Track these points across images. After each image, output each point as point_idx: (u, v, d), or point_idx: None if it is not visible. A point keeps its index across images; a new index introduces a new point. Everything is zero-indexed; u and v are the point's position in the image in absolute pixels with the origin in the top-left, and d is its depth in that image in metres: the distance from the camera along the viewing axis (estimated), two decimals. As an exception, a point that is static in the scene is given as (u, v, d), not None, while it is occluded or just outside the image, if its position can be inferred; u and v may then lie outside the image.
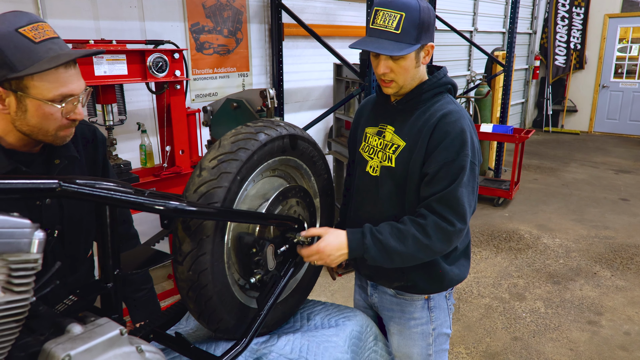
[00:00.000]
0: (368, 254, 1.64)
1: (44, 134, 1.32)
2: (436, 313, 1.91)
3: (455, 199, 1.60)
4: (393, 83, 1.68)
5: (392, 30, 1.57)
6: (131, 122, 3.76)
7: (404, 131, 1.73)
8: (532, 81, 11.72)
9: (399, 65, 1.63)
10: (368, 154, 1.83)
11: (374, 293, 1.99)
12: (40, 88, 1.23)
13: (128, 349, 1.00)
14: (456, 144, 1.61)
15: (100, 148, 1.64)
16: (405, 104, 1.74)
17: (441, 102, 1.71)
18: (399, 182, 1.72)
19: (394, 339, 1.97)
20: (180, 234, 1.33)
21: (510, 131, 6.22)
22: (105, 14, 3.81)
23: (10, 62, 1.18)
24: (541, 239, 5.44)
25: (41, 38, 1.22)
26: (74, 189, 0.98)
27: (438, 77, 1.74)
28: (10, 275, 0.85)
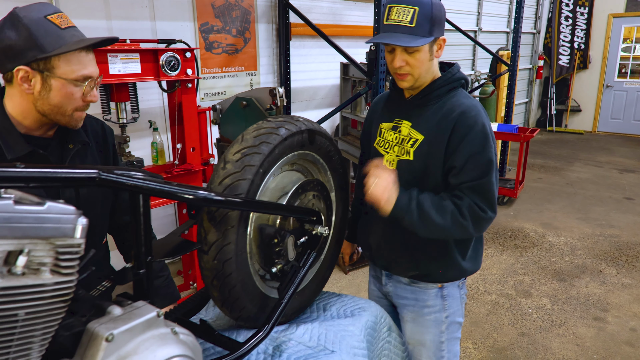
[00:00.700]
0: (409, 217, 1.72)
1: (62, 113, 1.43)
2: (449, 301, 1.97)
3: (487, 190, 1.70)
4: (409, 76, 1.74)
5: (406, 24, 1.64)
6: (143, 120, 3.82)
7: (421, 125, 1.79)
8: (535, 81, 11.74)
9: (414, 58, 1.70)
10: (384, 149, 1.90)
11: (389, 282, 2.06)
12: (65, 69, 1.36)
13: (164, 330, 1.05)
14: (480, 137, 1.69)
15: (109, 139, 1.75)
16: (420, 99, 1.80)
17: (457, 97, 1.78)
18: (417, 175, 1.79)
19: (407, 327, 2.04)
20: (206, 224, 1.38)
21: (515, 130, 6.26)
22: (117, 14, 3.87)
23: (41, 44, 1.31)
24: (546, 237, 5.48)
25: (66, 25, 1.36)
26: (113, 179, 1.03)
27: (452, 72, 1.81)
28: (58, 258, 0.90)
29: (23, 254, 0.84)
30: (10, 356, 0.85)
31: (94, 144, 1.66)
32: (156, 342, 1.01)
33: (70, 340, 0.96)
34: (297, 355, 1.55)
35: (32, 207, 0.85)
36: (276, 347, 1.60)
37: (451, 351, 2.03)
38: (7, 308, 0.82)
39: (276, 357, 1.55)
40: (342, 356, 1.58)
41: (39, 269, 0.87)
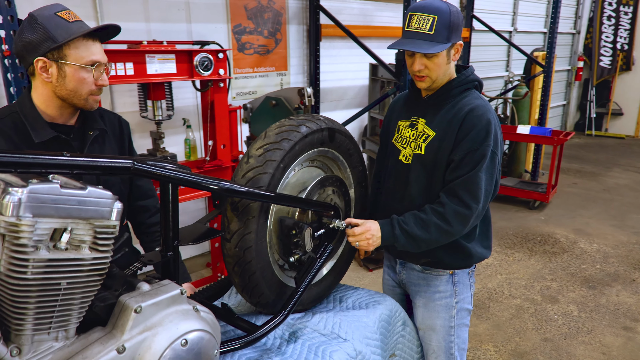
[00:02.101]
0: (398, 243, 1.84)
1: (78, 97, 1.61)
2: (459, 288, 2.07)
3: (474, 183, 1.79)
4: (427, 78, 1.86)
5: (426, 32, 1.76)
6: (177, 117, 3.99)
7: (434, 123, 1.91)
8: (574, 83, 11.47)
9: (432, 62, 1.81)
10: (401, 144, 2.01)
11: (402, 270, 2.15)
12: (76, 56, 1.55)
13: (187, 307, 1.17)
14: (481, 134, 1.80)
15: (125, 130, 1.93)
16: (436, 99, 1.92)
17: (469, 98, 1.90)
18: (428, 168, 1.91)
19: (419, 312, 2.13)
20: (229, 214, 1.49)
21: (549, 133, 6.18)
22: (155, 17, 4.05)
23: (53, 36, 1.51)
24: (578, 244, 5.40)
25: (73, 19, 1.57)
26: (145, 168, 1.15)
27: (466, 74, 1.93)
28: (96, 237, 1.02)
29: (66, 231, 0.97)
30: (53, 320, 0.98)
31: (111, 134, 1.85)
32: (179, 317, 1.12)
33: (104, 311, 1.08)
34: (312, 342, 1.65)
35: (76, 191, 0.97)
36: (292, 333, 1.70)
37: (460, 337, 2.12)
38: (52, 277, 0.95)
39: (291, 342, 1.65)
40: (355, 345, 1.67)
41: (79, 245, 1.00)
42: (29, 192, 0.90)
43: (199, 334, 1.14)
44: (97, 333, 1.06)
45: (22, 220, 0.89)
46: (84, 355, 0.99)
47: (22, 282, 0.91)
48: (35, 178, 0.95)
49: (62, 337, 1.01)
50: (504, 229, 5.80)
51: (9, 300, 0.92)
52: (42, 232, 0.93)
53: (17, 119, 1.60)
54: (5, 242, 0.90)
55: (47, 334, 0.98)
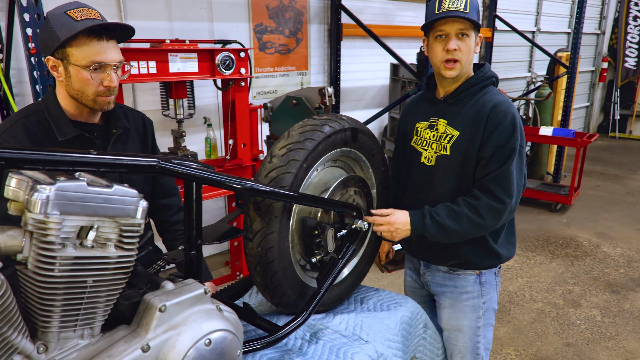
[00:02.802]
0: (428, 232, 1.84)
1: (86, 97, 1.57)
2: (486, 288, 2.05)
3: (506, 178, 1.79)
4: (458, 64, 1.83)
5: (461, 10, 1.76)
6: (198, 116, 4.01)
7: (456, 122, 1.89)
8: (598, 84, 11.26)
9: (465, 43, 1.81)
10: (421, 146, 1.99)
11: (427, 272, 2.13)
12: (77, 56, 1.51)
13: (210, 306, 1.16)
14: (508, 129, 1.80)
15: (149, 128, 1.92)
16: (454, 98, 1.91)
17: (489, 94, 1.89)
18: (454, 168, 1.89)
19: (444, 313, 2.11)
20: (252, 213, 1.49)
21: (572, 135, 6.07)
22: (178, 16, 4.08)
23: (57, 36, 1.48)
24: (601, 247, 5.29)
25: (82, 17, 1.49)
26: (170, 167, 1.15)
27: (484, 71, 1.93)
28: (121, 235, 1.02)
29: (93, 229, 0.97)
30: (79, 317, 0.98)
31: (135, 133, 1.85)
32: (203, 316, 1.12)
33: (129, 309, 1.08)
34: (333, 343, 1.63)
35: (102, 189, 0.98)
36: (313, 334, 1.69)
37: (486, 337, 2.11)
38: (79, 275, 0.95)
39: (313, 343, 1.64)
40: (376, 347, 1.65)
41: (105, 243, 1.00)
42: (57, 190, 0.90)
43: (222, 333, 1.13)
44: (121, 331, 1.06)
45: (50, 217, 0.89)
46: (109, 354, 0.99)
47: (50, 279, 0.91)
48: (63, 176, 0.95)
49: (87, 335, 1.01)
50: (525, 231, 5.71)
51: (36, 297, 0.93)
52: (69, 230, 0.93)
53: (42, 117, 1.61)
54: (33, 239, 0.91)
55: (73, 332, 0.99)
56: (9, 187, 0.92)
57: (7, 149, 0.87)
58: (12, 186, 0.92)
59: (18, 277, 0.95)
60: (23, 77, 3.40)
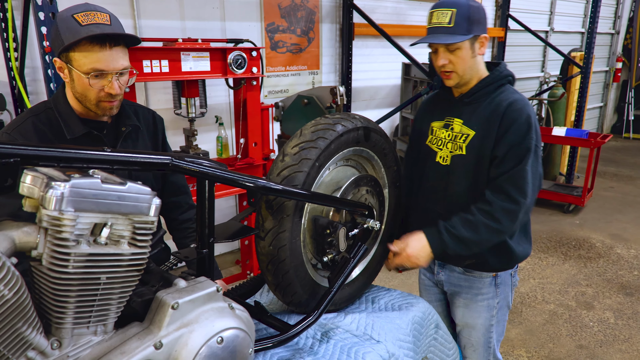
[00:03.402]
0: (448, 249, 1.83)
1: (88, 101, 1.58)
2: (502, 288, 2.06)
3: (521, 177, 1.77)
4: (453, 74, 1.85)
5: (445, 25, 1.78)
6: (210, 115, 4.03)
7: (472, 121, 1.89)
8: (612, 84, 11.13)
9: (456, 56, 1.81)
10: (437, 146, 1.99)
11: (441, 271, 2.15)
12: (79, 62, 1.50)
13: (222, 304, 1.16)
14: (523, 128, 1.78)
15: (159, 125, 1.92)
16: (470, 97, 1.91)
17: (505, 93, 1.88)
18: (470, 168, 1.89)
19: (459, 311, 2.15)
20: (264, 212, 1.48)
21: (585, 135, 6.00)
22: (190, 15, 4.10)
23: (61, 39, 1.48)
24: (614, 249, 5.23)
25: (88, 22, 1.47)
26: (183, 165, 1.15)
27: (500, 70, 1.91)
28: (135, 232, 1.02)
29: (106, 226, 0.97)
30: (93, 314, 0.98)
31: (145, 130, 1.85)
32: (215, 314, 1.12)
33: (142, 306, 1.08)
34: (344, 343, 1.63)
35: (116, 186, 0.98)
36: (324, 333, 1.68)
37: (497, 331, 2.15)
38: (92, 272, 0.95)
39: (324, 342, 1.63)
40: (388, 347, 1.64)
41: (119, 240, 1.00)
42: (72, 187, 0.90)
43: (234, 332, 1.13)
44: (134, 328, 1.06)
45: (64, 214, 0.90)
46: (122, 350, 0.99)
47: (64, 275, 0.92)
48: (77, 173, 0.96)
49: (100, 332, 1.02)
50: (538, 232, 5.66)
51: (50, 293, 0.93)
52: (83, 227, 0.94)
53: (52, 115, 1.62)
54: (47, 235, 0.91)
55: (86, 328, 0.99)
56: (24, 183, 0.93)
57: (22, 146, 0.87)
58: (27, 183, 0.93)
59: (32, 274, 0.95)
60: (37, 75, 3.43)
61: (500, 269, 2.02)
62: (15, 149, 0.86)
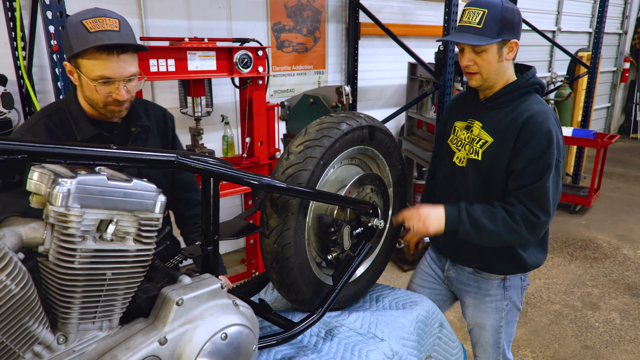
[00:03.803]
0: (462, 228, 1.80)
1: (96, 105, 1.61)
2: (510, 291, 2.06)
3: (541, 193, 1.73)
4: (477, 75, 1.82)
5: (474, 25, 1.74)
6: (216, 114, 4.04)
7: (491, 128, 1.86)
8: (620, 84, 11.05)
9: (481, 58, 1.78)
10: (456, 146, 1.99)
11: (452, 268, 2.16)
12: (87, 68, 1.53)
13: (226, 301, 1.17)
14: (543, 142, 1.73)
15: (170, 123, 1.94)
16: (494, 102, 1.87)
17: (528, 102, 1.82)
18: (483, 174, 1.88)
19: (468, 310, 2.17)
20: (268, 210, 1.49)
21: (592, 136, 5.97)
22: (197, 14, 4.11)
23: (71, 45, 1.50)
24: (621, 250, 5.20)
25: (96, 29, 1.48)
26: (188, 162, 1.16)
27: (527, 77, 1.86)
28: (140, 229, 1.03)
29: (112, 223, 0.98)
30: (98, 309, 0.99)
31: (155, 128, 1.86)
32: (219, 310, 1.13)
33: (147, 302, 1.09)
34: (348, 341, 1.63)
35: (122, 183, 0.99)
36: (328, 331, 1.69)
37: (507, 332, 2.15)
38: (98, 267, 0.96)
39: (328, 340, 1.64)
40: (391, 345, 1.65)
41: (124, 237, 1.01)
42: (78, 183, 0.92)
43: (238, 328, 1.14)
44: (139, 324, 1.07)
45: (70, 210, 0.91)
46: (127, 345, 1.00)
47: (70, 271, 0.93)
48: (83, 169, 0.97)
49: (106, 327, 1.03)
50: (545, 233, 5.64)
51: (56, 289, 0.94)
52: (89, 223, 0.95)
53: (63, 116, 1.64)
54: (54, 231, 0.92)
55: (92, 323, 1.00)
56: (32, 180, 0.94)
57: (29, 143, 0.89)
58: (35, 179, 0.94)
59: (39, 269, 0.97)
60: (45, 74, 3.46)
61: (509, 273, 2.02)
62: (22, 146, 0.87)
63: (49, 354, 0.94)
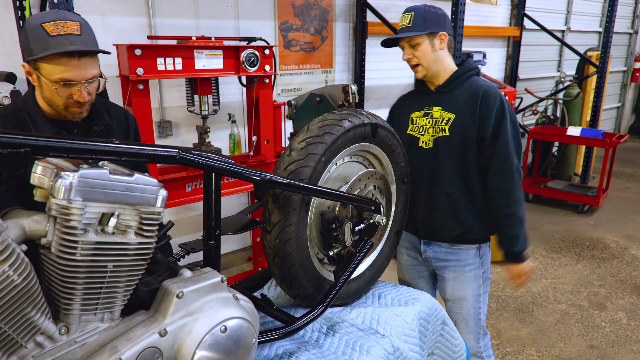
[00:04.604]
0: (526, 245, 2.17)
1: (56, 107, 1.61)
2: (484, 259, 2.33)
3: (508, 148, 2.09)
4: (419, 67, 2.15)
5: (406, 26, 2.10)
6: (223, 113, 4.06)
7: (451, 106, 2.16)
8: (630, 84, 10.95)
9: (417, 50, 2.11)
10: (418, 132, 2.23)
11: (428, 249, 2.37)
12: (47, 70, 1.53)
13: (227, 295, 1.19)
14: (500, 109, 2.09)
15: (132, 124, 1.96)
16: (447, 87, 2.18)
17: (477, 81, 2.18)
18: (455, 148, 2.15)
19: (448, 285, 2.36)
20: (270, 206, 1.51)
21: (600, 135, 5.93)
22: (204, 13, 4.14)
23: (30, 48, 1.51)
24: (629, 250, 5.16)
25: (57, 33, 1.48)
26: (190, 158, 1.18)
27: (469, 63, 2.23)
28: (141, 222, 1.05)
29: (114, 216, 1.00)
30: (100, 301, 1.01)
31: (117, 129, 1.87)
32: (219, 304, 1.14)
33: (148, 295, 1.11)
34: (349, 337, 1.64)
35: (124, 177, 1.01)
36: (330, 327, 1.70)
37: (484, 302, 2.38)
38: (100, 260, 0.98)
39: (329, 336, 1.65)
40: (393, 341, 1.65)
41: (125, 230, 1.03)
42: (80, 177, 0.93)
43: (238, 321, 1.15)
44: (140, 316, 1.09)
45: (72, 203, 0.93)
46: (127, 337, 1.02)
47: (72, 263, 0.95)
48: (86, 163, 0.99)
49: (107, 319, 1.05)
50: (551, 232, 5.61)
51: (58, 280, 0.96)
52: (91, 216, 0.97)
53: (21, 116, 1.65)
54: (56, 224, 0.94)
55: (93, 315, 1.02)
56: (35, 174, 0.96)
57: (32, 137, 0.90)
58: (38, 173, 0.96)
59: (42, 261, 0.99)
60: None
61: (482, 241, 2.28)
62: (25, 140, 0.89)
63: (50, 344, 0.96)
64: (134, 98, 3.02)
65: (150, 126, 3.13)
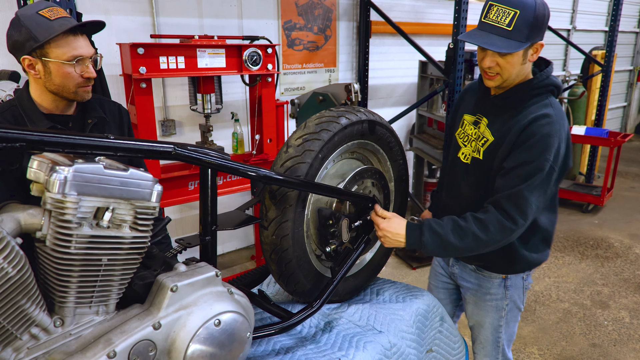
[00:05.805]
0: (426, 249, 1.71)
1: (67, 90, 1.65)
2: (511, 291, 2.00)
3: (524, 198, 1.63)
4: (497, 77, 1.71)
5: (504, 27, 1.59)
6: (226, 111, 4.08)
7: (495, 127, 1.78)
8: (636, 83, 10.87)
9: (505, 60, 1.66)
10: (462, 141, 1.93)
11: (455, 264, 2.14)
12: (57, 52, 1.58)
13: (221, 289, 1.20)
14: (539, 146, 1.63)
15: (125, 117, 1.98)
16: (502, 100, 1.78)
17: (537, 105, 1.72)
18: (486, 173, 1.80)
19: (469, 307, 2.14)
20: (267, 202, 1.52)
21: (606, 134, 5.90)
22: (208, 12, 4.16)
23: (34, 36, 1.54)
24: (633, 249, 5.13)
25: (56, 16, 1.57)
26: (185, 153, 1.19)
27: (540, 78, 1.74)
28: (136, 217, 1.07)
29: (109, 210, 1.02)
30: (94, 294, 1.03)
31: (112, 122, 1.90)
32: (213, 298, 1.16)
33: (143, 289, 1.13)
34: (347, 332, 1.65)
35: (119, 172, 1.02)
36: (327, 323, 1.71)
37: (507, 332, 2.10)
38: (94, 253, 1.00)
39: (326, 331, 1.66)
40: (390, 338, 1.66)
41: (120, 224, 1.05)
42: (75, 171, 0.95)
43: (232, 315, 1.17)
44: (135, 309, 1.10)
45: (67, 197, 0.94)
46: (122, 330, 1.04)
47: (66, 256, 0.96)
48: (81, 158, 1.00)
49: (102, 312, 1.06)
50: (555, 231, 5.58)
51: (53, 273, 0.98)
52: (85, 210, 0.98)
53: (16, 112, 1.68)
54: (51, 217, 0.96)
55: (88, 308, 1.04)
56: (31, 169, 0.98)
57: (28, 131, 0.92)
58: (34, 168, 0.98)
59: (37, 254, 1.00)
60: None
61: (510, 273, 1.96)
62: (21, 134, 0.90)
63: (45, 336, 0.98)
64: (136, 96, 3.04)
65: (153, 125, 3.15)
